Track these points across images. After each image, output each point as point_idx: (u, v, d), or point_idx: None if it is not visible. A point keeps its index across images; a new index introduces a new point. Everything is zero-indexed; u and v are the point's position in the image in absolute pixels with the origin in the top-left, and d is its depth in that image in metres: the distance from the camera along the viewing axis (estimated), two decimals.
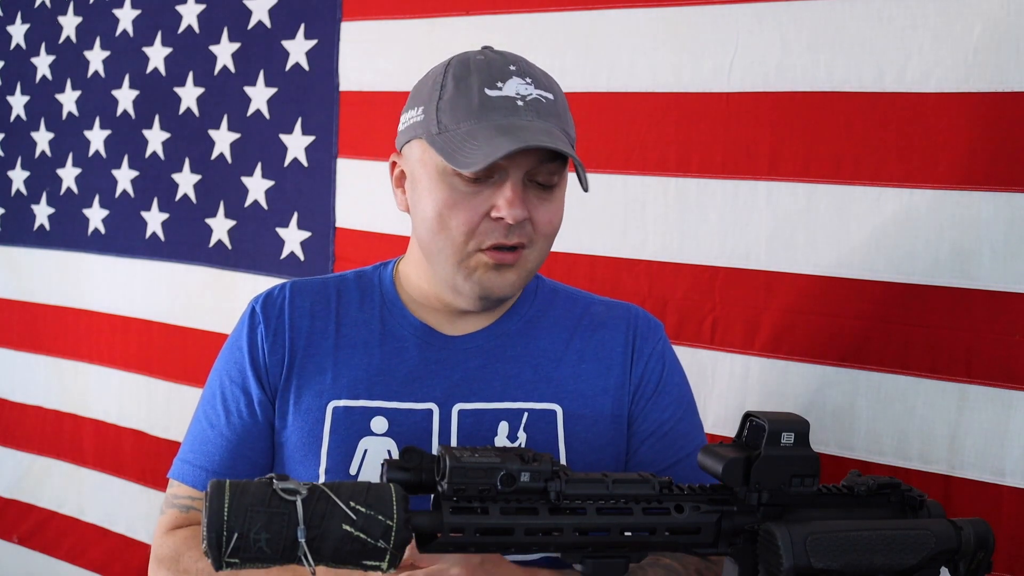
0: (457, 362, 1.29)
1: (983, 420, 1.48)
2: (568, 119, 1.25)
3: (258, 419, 1.30)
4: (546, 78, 1.25)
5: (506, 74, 1.20)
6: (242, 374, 1.31)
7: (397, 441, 1.25)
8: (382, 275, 1.36)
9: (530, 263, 1.24)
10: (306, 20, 2.23)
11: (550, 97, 1.21)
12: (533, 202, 1.20)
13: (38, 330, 2.83)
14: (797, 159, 1.63)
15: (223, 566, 0.87)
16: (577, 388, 1.31)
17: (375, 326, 1.31)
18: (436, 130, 1.19)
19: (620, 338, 1.34)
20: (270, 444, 1.31)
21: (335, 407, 1.27)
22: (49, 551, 2.82)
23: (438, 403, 1.27)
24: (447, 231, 1.20)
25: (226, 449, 1.30)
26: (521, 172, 1.18)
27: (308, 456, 1.26)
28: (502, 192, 1.17)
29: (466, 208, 1.19)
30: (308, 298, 1.33)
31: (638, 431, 1.32)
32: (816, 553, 0.93)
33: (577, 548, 0.95)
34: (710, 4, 1.69)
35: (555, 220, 1.24)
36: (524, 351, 1.32)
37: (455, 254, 1.21)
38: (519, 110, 1.18)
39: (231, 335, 1.35)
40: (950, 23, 1.48)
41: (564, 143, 1.18)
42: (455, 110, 1.19)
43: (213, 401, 1.33)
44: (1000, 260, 1.46)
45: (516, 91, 1.19)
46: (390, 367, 1.29)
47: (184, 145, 2.47)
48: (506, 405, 1.28)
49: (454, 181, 1.19)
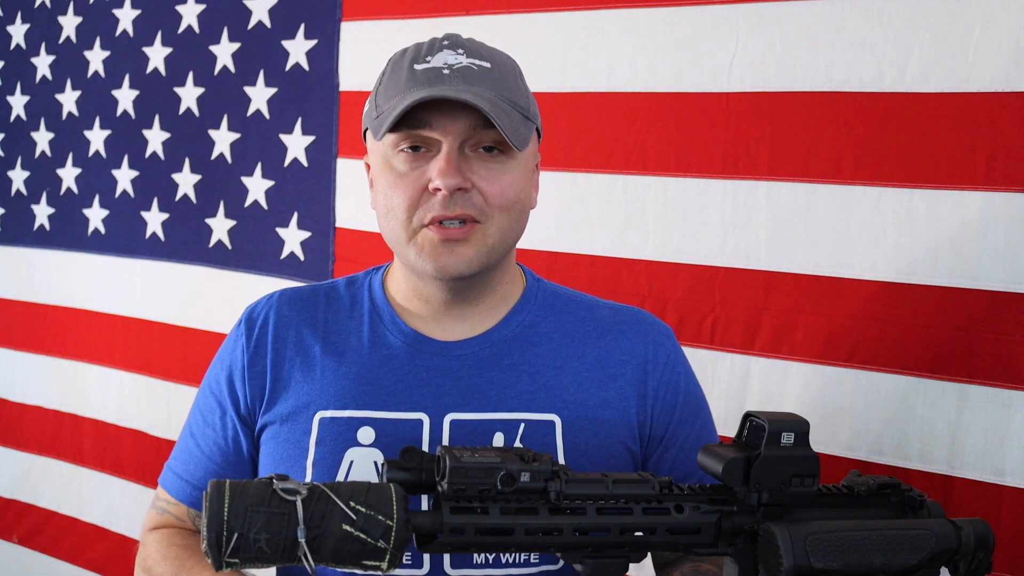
0: (449, 370, 1.24)
1: (983, 420, 1.48)
2: (512, 86, 1.20)
3: (229, 433, 1.28)
4: (489, 52, 1.22)
5: (436, 48, 1.19)
6: (219, 387, 1.29)
7: (385, 452, 1.20)
8: (372, 281, 1.33)
9: (490, 238, 1.19)
10: (306, 20, 2.23)
11: (485, 66, 1.18)
12: (480, 172, 1.17)
13: (38, 330, 2.83)
14: (797, 159, 1.63)
15: (223, 566, 0.87)
16: (578, 397, 1.25)
17: (364, 333, 1.27)
18: (375, 114, 1.20)
19: (629, 346, 1.29)
20: (244, 459, 1.28)
21: (322, 418, 1.23)
22: (49, 551, 2.82)
23: (428, 413, 1.22)
24: (393, 211, 1.19)
25: (200, 460, 1.30)
26: (455, 140, 1.15)
27: (293, 468, 1.22)
28: (436, 163, 1.16)
29: (406, 184, 1.17)
30: (295, 307, 1.30)
31: (669, 447, 1.28)
32: (816, 553, 0.93)
33: (577, 548, 0.95)
34: (710, 4, 1.69)
35: (508, 191, 1.19)
36: (522, 359, 1.26)
37: (404, 232, 1.19)
38: (444, 77, 1.15)
39: (221, 346, 1.34)
40: (950, 23, 1.48)
41: (489, 103, 1.13)
42: (387, 90, 1.19)
43: (195, 411, 1.33)
44: (1000, 260, 1.46)
45: (444, 61, 1.17)
46: (378, 375, 1.24)
47: (184, 145, 2.47)
48: (501, 415, 1.22)
49: (395, 161, 1.18)
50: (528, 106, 1.22)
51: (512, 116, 1.16)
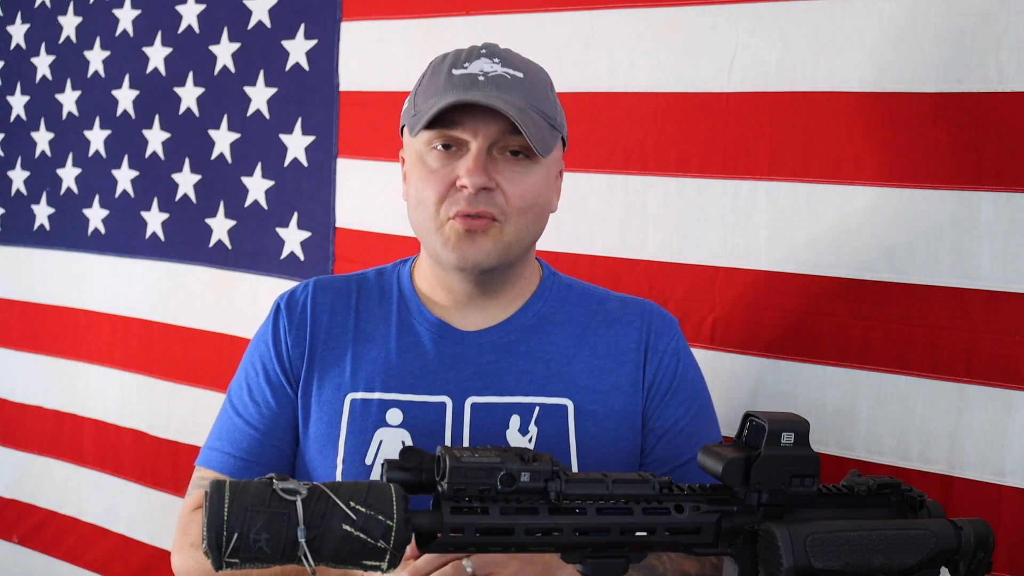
0: (471, 357, 1.33)
1: (983, 420, 1.48)
2: (542, 96, 1.30)
3: (284, 409, 1.35)
4: (524, 62, 1.31)
5: (475, 55, 1.28)
6: (268, 366, 1.37)
7: (411, 432, 1.30)
8: (400, 272, 1.42)
9: (507, 235, 1.27)
10: (306, 20, 2.23)
11: (519, 75, 1.27)
12: (504, 174, 1.26)
13: (38, 330, 2.83)
14: (797, 159, 1.63)
15: (223, 566, 0.87)
16: (589, 383, 1.33)
17: (392, 321, 1.36)
18: (413, 112, 1.31)
19: (634, 335, 1.37)
20: (295, 434, 1.36)
21: (353, 399, 1.32)
22: (49, 551, 2.82)
23: (452, 396, 1.31)
24: (424, 203, 1.28)
25: (254, 438, 1.35)
26: (485, 142, 1.25)
27: (327, 446, 1.31)
28: (464, 162, 1.24)
29: (437, 180, 1.26)
30: (330, 294, 1.39)
31: (654, 429, 1.35)
32: (816, 553, 0.93)
33: (577, 548, 0.95)
34: (710, 4, 1.69)
35: (528, 194, 1.28)
36: (537, 346, 1.35)
37: (432, 223, 1.28)
38: (479, 83, 1.25)
39: (257, 332, 1.42)
40: (950, 23, 1.48)
41: (518, 110, 1.22)
42: (426, 91, 1.29)
43: (240, 393, 1.39)
44: (1000, 260, 1.46)
45: (480, 69, 1.27)
46: (406, 361, 1.33)
47: (184, 145, 2.47)
48: (518, 399, 1.31)
49: (428, 157, 1.28)
50: (555, 116, 1.31)
51: (539, 124, 1.26)
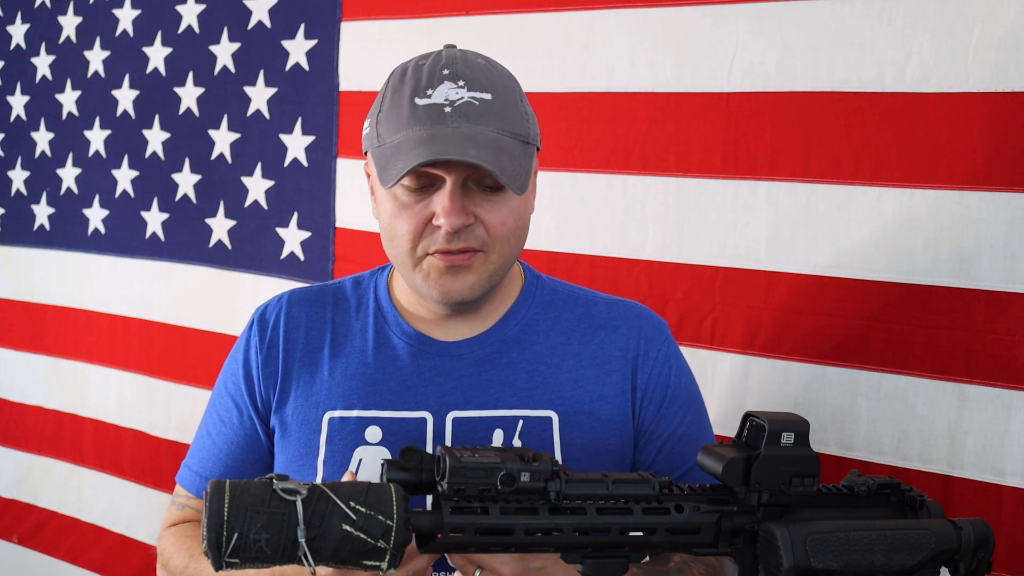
0: (451, 369, 1.28)
1: (983, 420, 1.48)
2: (513, 114, 1.20)
3: (247, 431, 1.32)
4: (488, 77, 1.20)
5: (436, 80, 1.18)
6: (236, 386, 1.33)
7: (391, 450, 1.25)
8: (377, 282, 1.36)
9: (492, 264, 1.22)
10: (306, 20, 2.23)
11: (486, 98, 1.18)
12: (482, 205, 1.18)
13: (38, 330, 2.83)
14: (797, 159, 1.63)
15: (223, 566, 0.87)
16: (575, 394, 1.28)
17: (369, 334, 1.31)
18: (377, 143, 1.21)
19: (620, 342, 1.31)
20: (264, 455, 1.32)
21: (331, 417, 1.27)
22: (49, 551, 2.82)
23: (432, 411, 1.26)
24: (396, 238, 1.21)
25: (218, 457, 1.33)
26: (459, 178, 1.16)
27: (305, 466, 1.27)
28: (440, 199, 1.17)
29: (409, 216, 1.19)
30: (305, 308, 1.34)
31: (653, 440, 1.30)
32: (816, 553, 0.93)
33: (577, 548, 0.95)
34: (710, 4, 1.69)
35: (508, 222, 1.20)
36: (520, 356, 1.29)
37: (408, 259, 1.21)
38: (445, 117, 1.16)
39: (233, 347, 1.37)
40: (950, 23, 1.48)
41: (485, 148, 1.14)
42: (389, 121, 1.19)
43: (211, 409, 1.36)
44: (1000, 260, 1.46)
45: (445, 96, 1.17)
46: (384, 376, 1.28)
47: (184, 145, 2.47)
48: (501, 413, 1.26)
49: (397, 190, 1.19)
50: (528, 131, 1.23)
51: (514, 152, 1.17)
